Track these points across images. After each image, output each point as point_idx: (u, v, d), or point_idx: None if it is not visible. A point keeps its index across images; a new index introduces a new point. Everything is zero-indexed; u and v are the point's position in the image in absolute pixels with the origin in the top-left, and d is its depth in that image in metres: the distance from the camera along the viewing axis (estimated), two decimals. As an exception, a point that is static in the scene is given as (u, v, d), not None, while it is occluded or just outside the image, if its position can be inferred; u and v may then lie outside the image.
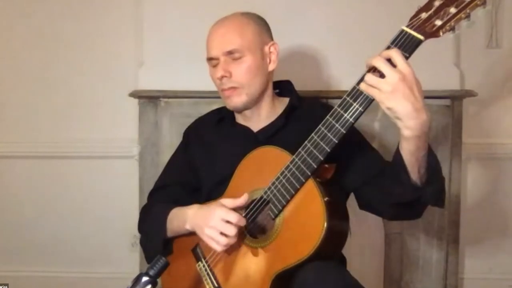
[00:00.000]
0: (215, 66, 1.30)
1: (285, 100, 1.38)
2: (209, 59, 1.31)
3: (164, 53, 1.96)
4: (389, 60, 0.97)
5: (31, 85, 2.10)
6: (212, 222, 1.14)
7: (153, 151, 1.95)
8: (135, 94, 1.94)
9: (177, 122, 1.89)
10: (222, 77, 1.27)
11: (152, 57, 1.97)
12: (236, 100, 1.30)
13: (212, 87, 1.35)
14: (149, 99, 1.94)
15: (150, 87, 1.94)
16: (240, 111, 1.34)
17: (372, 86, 0.97)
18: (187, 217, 1.23)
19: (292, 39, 1.83)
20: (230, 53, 1.27)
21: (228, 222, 1.13)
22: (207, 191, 1.35)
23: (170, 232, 1.30)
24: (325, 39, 1.91)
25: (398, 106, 0.95)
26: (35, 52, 2.08)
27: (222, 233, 1.13)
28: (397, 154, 1.05)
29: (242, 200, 1.15)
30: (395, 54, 0.96)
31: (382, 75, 0.97)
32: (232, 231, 1.12)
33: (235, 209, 1.16)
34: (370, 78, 0.98)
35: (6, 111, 2.13)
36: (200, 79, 1.55)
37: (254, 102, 1.32)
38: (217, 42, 1.28)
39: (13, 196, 2.15)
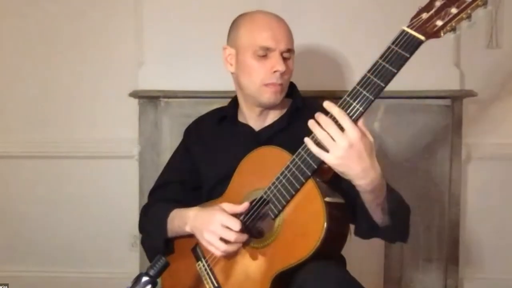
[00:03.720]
0: (262, 56, 1.26)
1: (288, 101, 1.37)
2: (265, 48, 1.24)
3: (164, 53, 1.96)
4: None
5: (31, 85, 2.10)
6: (212, 226, 1.14)
7: (153, 151, 1.95)
8: (135, 94, 1.94)
9: (177, 122, 1.89)
10: (283, 72, 1.25)
11: (152, 57, 1.97)
12: (279, 97, 1.29)
13: (212, 87, 1.34)
14: (149, 99, 1.94)
15: (150, 87, 1.94)
16: (270, 107, 1.32)
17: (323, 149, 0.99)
18: (187, 219, 1.23)
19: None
20: (288, 51, 1.27)
21: (227, 227, 1.12)
22: (207, 190, 1.35)
23: (170, 232, 1.30)
24: (325, 40, 1.91)
25: (348, 171, 0.99)
26: (35, 52, 2.08)
27: (221, 239, 1.13)
28: (360, 198, 1.08)
29: (241, 208, 1.15)
30: (340, 118, 0.97)
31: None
32: (231, 237, 1.12)
33: (234, 215, 1.15)
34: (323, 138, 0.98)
35: (5, 111, 2.13)
36: (200, 79, 1.55)
37: None
38: (282, 35, 1.26)
39: (12, 196, 2.15)
